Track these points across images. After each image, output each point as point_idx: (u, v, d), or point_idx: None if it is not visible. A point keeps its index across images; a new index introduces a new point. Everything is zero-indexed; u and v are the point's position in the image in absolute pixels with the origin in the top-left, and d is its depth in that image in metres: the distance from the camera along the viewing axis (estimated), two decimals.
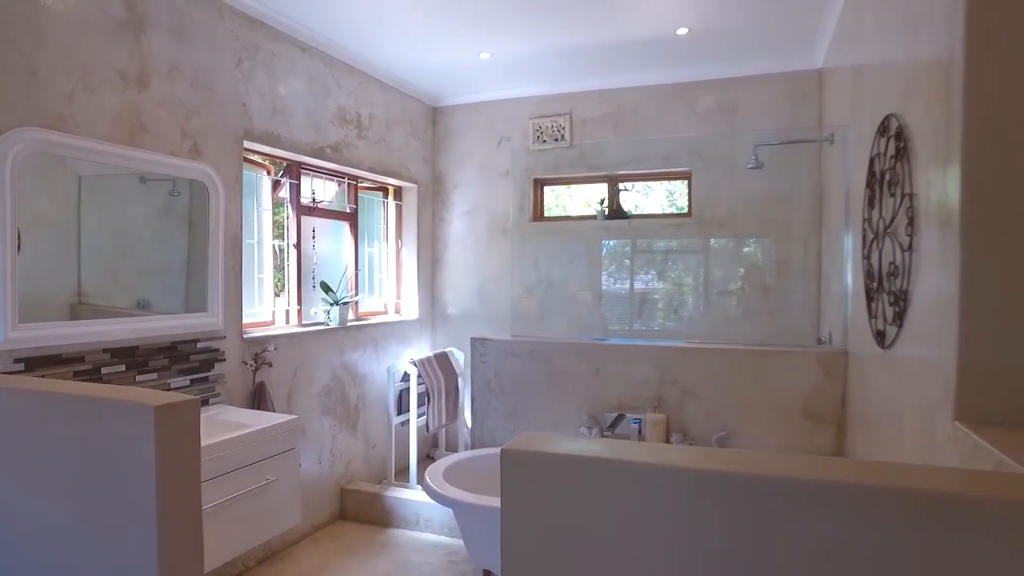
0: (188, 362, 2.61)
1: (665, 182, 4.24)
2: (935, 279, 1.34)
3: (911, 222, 1.55)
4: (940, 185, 1.30)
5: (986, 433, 1.06)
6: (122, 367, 2.35)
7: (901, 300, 1.62)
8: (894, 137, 1.71)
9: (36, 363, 2.08)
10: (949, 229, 1.22)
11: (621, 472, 0.92)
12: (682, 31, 3.24)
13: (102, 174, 2.35)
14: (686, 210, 4.01)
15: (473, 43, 3.45)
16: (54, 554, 1.49)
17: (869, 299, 2.03)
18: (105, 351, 2.29)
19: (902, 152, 1.64)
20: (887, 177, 1.78)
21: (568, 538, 0.95)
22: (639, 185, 4.28)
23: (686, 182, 4.03)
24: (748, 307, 3.80)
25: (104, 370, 2.29)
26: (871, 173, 1.98)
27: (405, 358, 4.01)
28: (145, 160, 2.41)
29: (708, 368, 2.99)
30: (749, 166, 3.26)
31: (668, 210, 4.23)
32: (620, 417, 3.05)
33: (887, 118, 1.79)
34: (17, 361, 2.02)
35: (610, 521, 0.92)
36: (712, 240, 3.91)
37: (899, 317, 1.65)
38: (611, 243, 4.21)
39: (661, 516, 0.89)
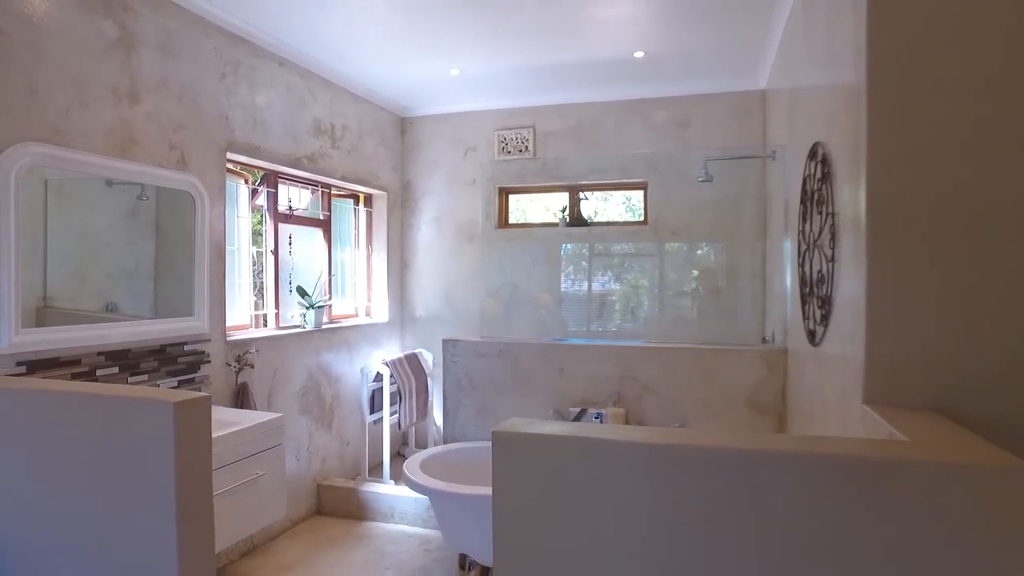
0: (176, 364, 2.73)
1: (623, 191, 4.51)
2: (850, 285, 1.59)
3: (833, 237, 1.80)
4: (852, 204, 1.55)
5: (884, 412, 1.32)
6: (115, 369, 2.46)
7: (827, 304, 1.88)
8: (821, 162, 1.97)
9: (36, 366, 2.18)
10: (858, 242, 1.47)
11: (594, 448, 1.14)
12: (639, 54, 3.50)
13: (68, 178, 2.34)
14: (642, 217, 4.28)
15: (443, 60, 3.64)
16: (80, 542, 1.62)
17: (803, 302, 2.29)
18: (100, 354, 2.40)
19: (827, 176, 1.90)
20: (816, 197, 2.04)
21: (551, 506, 1.16)
22: (598, 192, 4.54)
23: (642, 192, 4.30)
24: (700, 308, 4.08)
25: (99, 372, 2.40)
26: (804, 191, 2.24)
27: (376, 359, 4.17)
28: (136, 172, 2.53)
29: (664, 366, 3.23)
30: (700, 179, 3.53)
31: (626, 215, 4.50)
32: (583, 411, 3.27)
33: (815, 145, 2.06)
34: (19, 364, 2.13)
35: (584, 488, 1.13)
36: (667, 245, 4.18)
37: (825, 318, 1.91)
38: (570, 246, 4.45)
39: (626, 483, 1.11)
